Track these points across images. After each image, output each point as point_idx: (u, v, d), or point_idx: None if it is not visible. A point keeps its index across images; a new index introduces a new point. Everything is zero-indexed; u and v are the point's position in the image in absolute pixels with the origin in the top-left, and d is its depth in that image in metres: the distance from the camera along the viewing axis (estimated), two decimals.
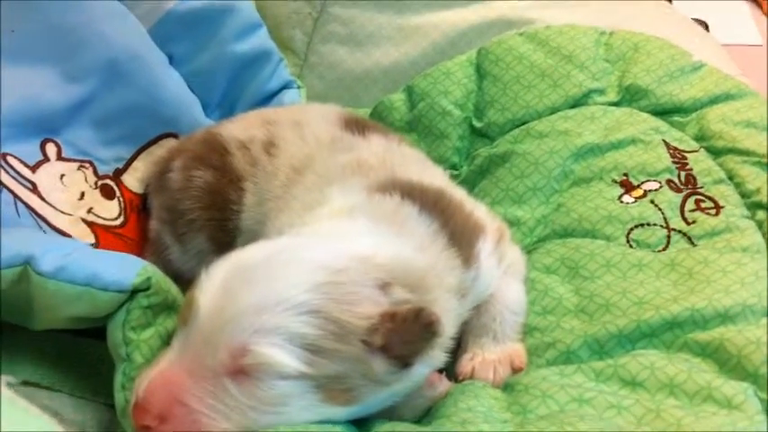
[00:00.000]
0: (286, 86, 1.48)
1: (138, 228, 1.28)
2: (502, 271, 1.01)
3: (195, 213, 1.16)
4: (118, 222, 1.26)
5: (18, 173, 1.15)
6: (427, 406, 0.91)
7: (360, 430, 0.84)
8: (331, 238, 0.86)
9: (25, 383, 0.91)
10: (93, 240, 1.19)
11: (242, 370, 0.76)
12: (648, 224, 1.09)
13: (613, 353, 0.93)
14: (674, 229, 1.08)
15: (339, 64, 1.54)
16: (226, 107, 1.45)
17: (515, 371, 0.96)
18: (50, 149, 1.24)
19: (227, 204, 1.14)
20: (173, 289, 0.89)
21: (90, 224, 1.21)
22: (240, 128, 1.20)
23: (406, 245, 0.88)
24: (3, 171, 1.11)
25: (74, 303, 0.82)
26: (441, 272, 0.90)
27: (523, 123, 1.30)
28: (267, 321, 0.75)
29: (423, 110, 1.37)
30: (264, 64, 1.45)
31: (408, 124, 1.38)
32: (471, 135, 1.35)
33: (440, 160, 1.33)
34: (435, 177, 1.06)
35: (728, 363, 0.89)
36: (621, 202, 1.13)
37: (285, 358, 0.75)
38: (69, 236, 1.16)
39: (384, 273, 0.82)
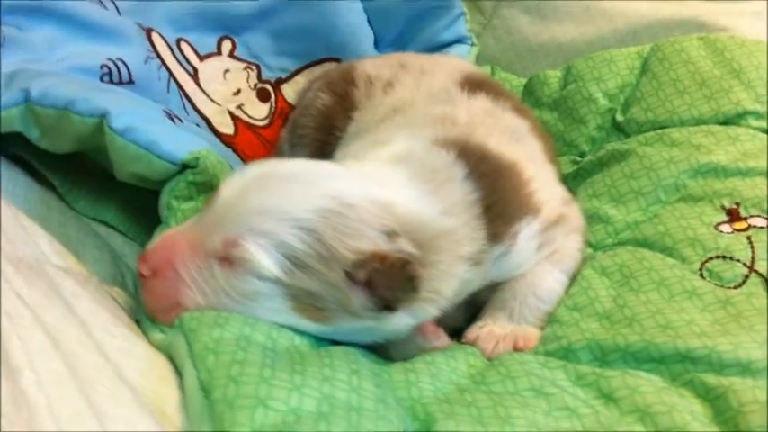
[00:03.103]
0: (459, 41, 1.51)
1: (278, 134, 1.41)
2: (542, 256, 1.00)
3: (307, 130, 1.26)
4: (263, 123, 1.40)
5: (185, 57, 1.32)
6: (417, 354, 0.93)
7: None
8: (365, 178, 0.90)
9: (105, 224, 1.08)
10: (231, 131, 1.34)
11: (229, 259, 0.84)
12: (731, 258, 1.01)
13: (614, 365, 0.89)
14: (756, 271, 0.99)
15: (517, 31, 1.53)
16: (398, 47, 1.52)
17: (517, 351, 0.96)
18: (225, 46, 1.40)
19: (333, 130, 1.22)
20: (222, 174, 0.99)
21: (235, 117, 1.36)
22: (376, 65, 1.27)
23: (434, 205, 0.90)
24: (170, 52, 1.29)
25: (135, 163, 0.95)
26: (459, 239, 0.91)
27: (663, 128, 1.23)
28: (262, 224, 0.83)
29: (571, 91, 1.34)
30: (444, 14, 1.49)
31: (555, 102, 1.36)
32: (611, 128, 1.30)
33: (570, 145, 1.31)
34: (518, 150, 1.04)
35: (725, 414, 0.81)
36: (717, 229, 1.05)
37: (266, 261, 0.82)
38: (209, 121, 1.31)
39: (396, 223, 0.85)
